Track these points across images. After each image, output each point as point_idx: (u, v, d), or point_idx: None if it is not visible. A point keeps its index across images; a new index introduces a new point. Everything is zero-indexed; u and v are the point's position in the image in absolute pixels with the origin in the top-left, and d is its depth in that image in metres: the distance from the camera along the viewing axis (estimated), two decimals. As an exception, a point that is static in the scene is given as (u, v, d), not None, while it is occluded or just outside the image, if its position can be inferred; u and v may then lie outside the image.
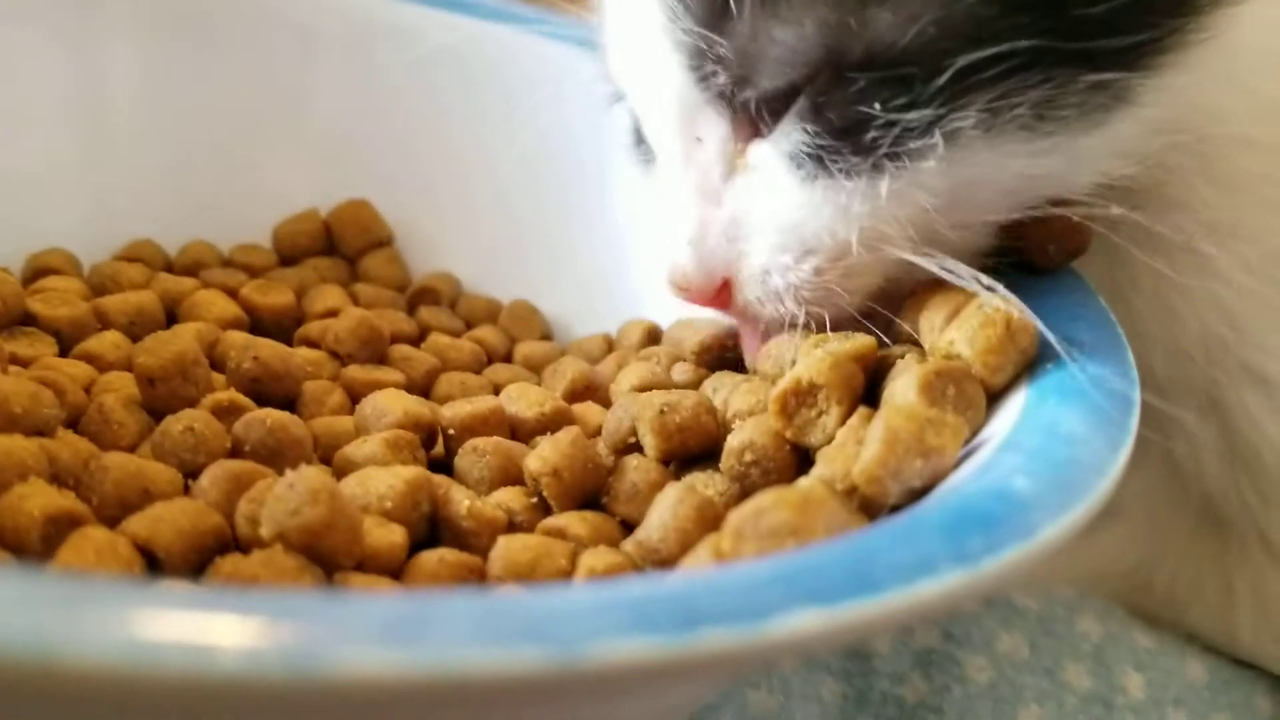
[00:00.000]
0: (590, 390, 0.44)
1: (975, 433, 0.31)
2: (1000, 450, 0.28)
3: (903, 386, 0.32)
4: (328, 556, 0.30)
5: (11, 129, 0.49)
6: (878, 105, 0.31)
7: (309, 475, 0.31)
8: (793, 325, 0.35)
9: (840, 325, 0.36)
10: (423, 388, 0.45)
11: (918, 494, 0.28)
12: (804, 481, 0.31)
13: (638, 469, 0.36)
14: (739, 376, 0.39)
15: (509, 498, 0.36)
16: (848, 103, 0.31)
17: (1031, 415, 0.30)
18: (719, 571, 0.22)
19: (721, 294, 0.36)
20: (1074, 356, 0.32)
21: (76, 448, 0.35)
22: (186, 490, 0.34)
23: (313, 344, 0.45)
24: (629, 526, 0.35)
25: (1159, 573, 0.44)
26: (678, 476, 0.36)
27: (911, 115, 0.31)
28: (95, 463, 0.33)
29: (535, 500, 0.36)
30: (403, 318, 0.49)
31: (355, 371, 0.43)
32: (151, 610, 0.19)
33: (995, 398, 0.32)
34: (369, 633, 0.18)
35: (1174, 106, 0.34)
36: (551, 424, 0.40)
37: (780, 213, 0.34)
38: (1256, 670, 0.42)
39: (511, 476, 0.37)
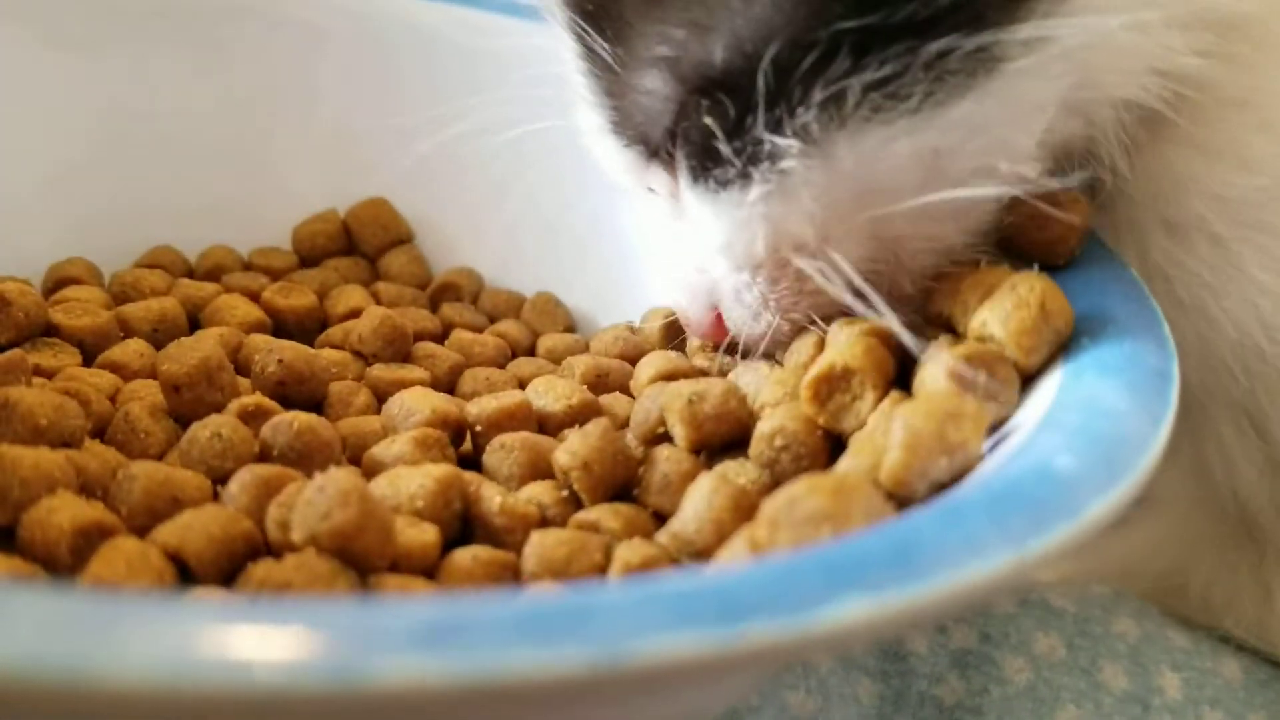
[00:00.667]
0: (602, 382, 0.43)
1: (1008, 417, 0.31)
2: (1040, 429, 0.28)
3: (932, 374, 0.32)
4: (361, 558, 0.30)
5: (25, 137, 0.49)
6: (716, 121, 0.33)
7: (339, 477, 0.31)
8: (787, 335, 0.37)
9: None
10: (447, 385, 0.44)
11: (947, 484, 0.28)
12: (839, 467, 0.30)
13: (669, 459, 0.36)
14: (765, 365, 0.38)
15: (540, 492, 0.36)
16: (703, 127, 0.33)
17: (1069, 392, 0.29)
18: (760, 563, 0.21)
19: (718, 324, 0.38)
20: (1109, 330, 0.32)
21: (104, 458, 0.35)
22: (215, 497, 0.34)
23: (336, 346, 0.45)
24: (661, 518, 0.35)
25: (1193, 578, 0.43)
26: (709, 466, 0.36)
27: (753, 124, 0.32)
28: (123, 472, 0.33)
29: (566, 494, 0.35)
30: (426, 315, 0.49)
31: (380, 371, 0.43)
32: (187, 626, 0.18)
33: (1030, 378, 0.32)
34: (407, 639, 0.18)
35: (1101, 56, 0.32)
36: (579, 416, 0.40)
37: (709, 235, 0.36)
38: (1293, 669, 0.42)
39: (540, 471, 0.37)
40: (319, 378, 0.40)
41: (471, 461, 0.38)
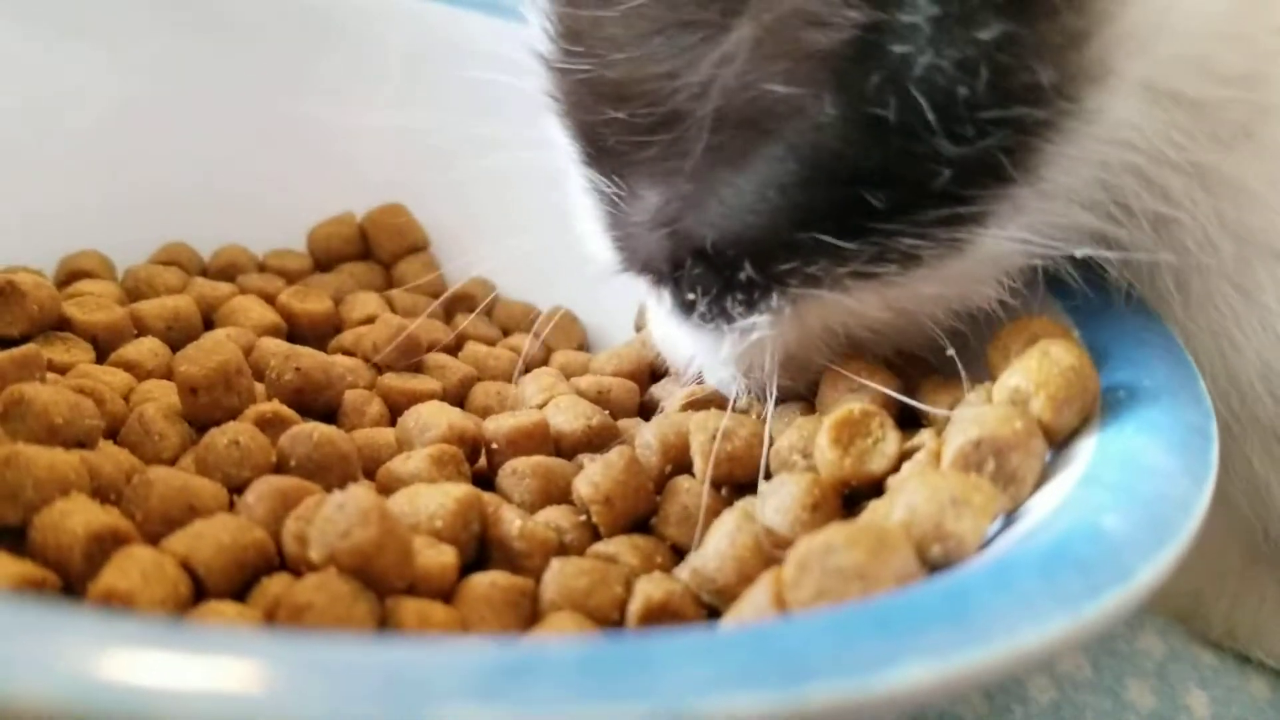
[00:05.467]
0: (604, 399, 0.43)
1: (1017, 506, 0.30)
2: (1082, 485, 0.27)
3: (952, 437, 0.31)
4: (379, 579, 0.29)
5: (40, 131, 0.48)
6: (699, 285, 0.35)
7: (359, 495, 0.30)
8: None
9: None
10: (457, 397, 0.44)
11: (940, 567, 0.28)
12: (874, 512, 0.30)
13: (689, 492, 0.35)
14: (797, 409, 0.38)
15: (557, 516, 0.35)
16: (690, 282, 0.35)
17: (1110, 448, 0.29)
18: (817, 619, 0.21)
19: None
20: (1146, 387, 0.31)
21: (118, 460, 0.34)
22: (232, 506, 0.33)
23: (347, 352, 0.44)
24: (679, 550, 0.35)
25: (1215, 606, 0.43)
26: (729, 500, 0.36)
27: (730, 302, 0.34)
28: (140, 478, 0.32)
29: (584, 519, 0.35)
30: (439, 326, 0.48)
31: (392, 380, 0.43)
32: (227, 659, 0.18)
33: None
34: (467, 685, 0.17)
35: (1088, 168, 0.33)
36: (597, 438, 0.39)
37: (686, 348, 0.39)
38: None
39: (553, 497, 0.36)
40: (335, 386, 0.40)
41: (486, 478, 0.38)
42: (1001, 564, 0.24)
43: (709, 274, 0.34)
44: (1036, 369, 0.32)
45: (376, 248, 0.52)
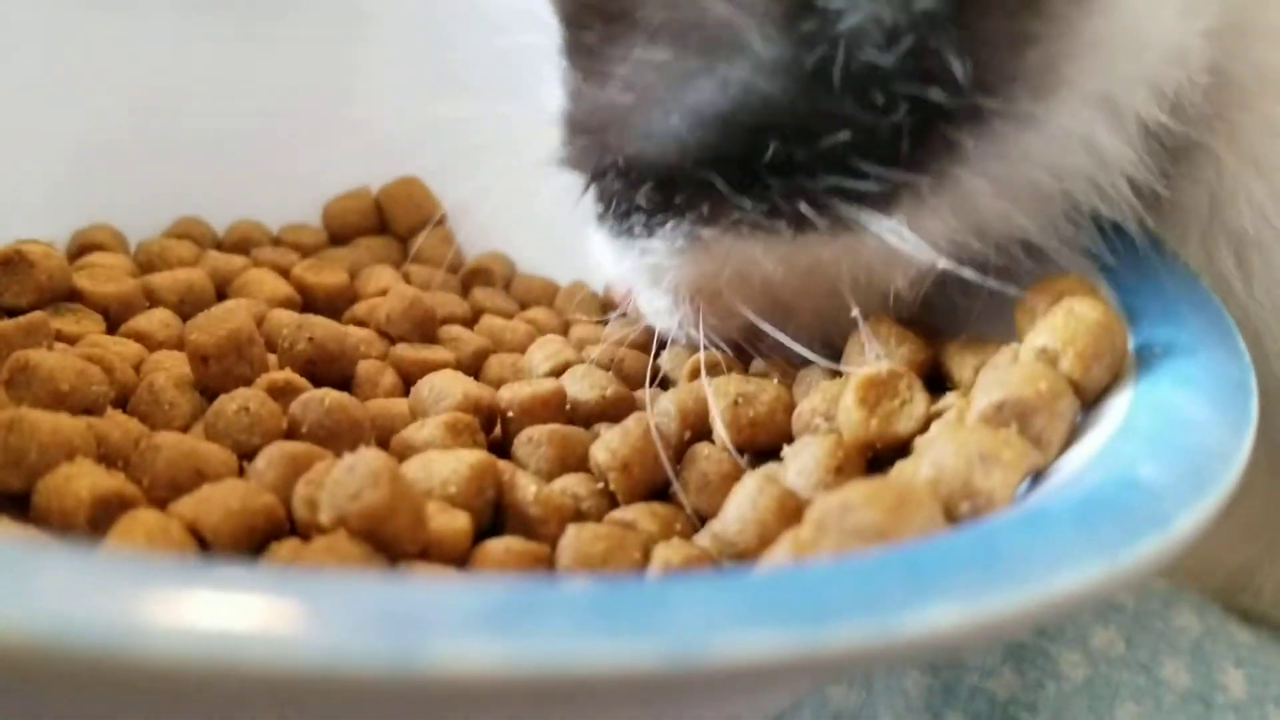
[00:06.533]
0: (616, 369, 0.42)
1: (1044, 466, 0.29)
2: (1118, 437, 0.26)
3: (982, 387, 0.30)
4: (390, 543, 0.29)
5: (54, 104, 0.47)
6: (612, 203, 0.35)
7: (369, 457, 0.29)
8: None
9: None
10: (471, 368, 0.43)
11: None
12: (901, 471, 0.29)
13: (708, 459, 0.35)
14: (820, 372, 0.37)
15: (574, 483, 0.34)
16: (603, 191, 0.35)
17: (1146, 401, 0.28)
18: (843, 561, 0.20)
19: None
20: (1183, 341, 0.30)
21: (126, 428, 0.33)
22: (241, 473, 0.32)
23: (360, 323, 0.44)
24: (699, 518, 0.34)
25: (1269, 575, 0.41)
26: (752, 466, 0.35)
27: (637, 220, 0.34)
28: (147, 442, 0.32)
29: (601, 486, 0.34)
30: (455, 299, 0.48)
31: (405, 351, 0.42)
32: (226, 594, 0.17)
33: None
34: (471, 622, 0.16)
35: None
36: (612, 407, 0.38)
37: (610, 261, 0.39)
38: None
39: (569, 465, 0.36)
40: (348, 357, 0.39)
41: (501, 447, 0.37)
42: (1034, 511, 0.23)
43: (621, 188, 0.34)
44: (1062, 326, 0.31)
45: (392, 221, 0.52)
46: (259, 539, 0.30)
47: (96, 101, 0.48)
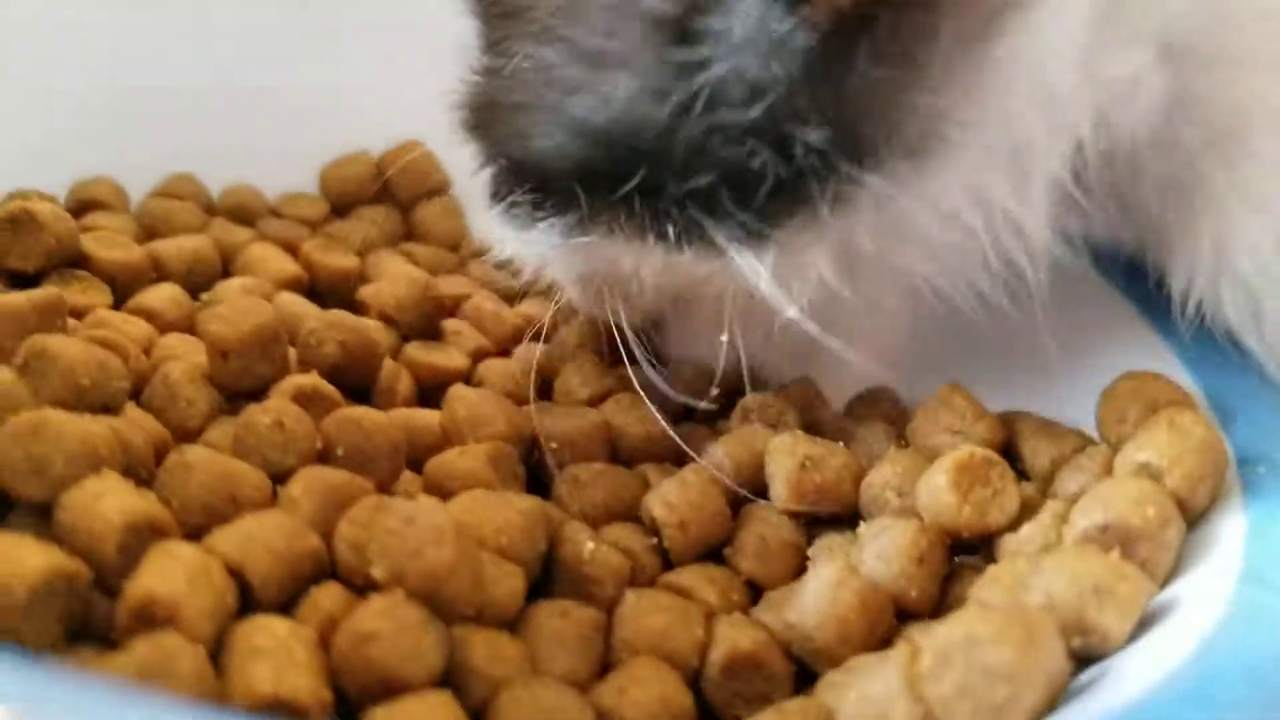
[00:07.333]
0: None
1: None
2: (1247, 584, 0.25)
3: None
4: (447, 605, 0.27)
5: (44, 56, 0.44)
6: (500, 188, 0.34)
7: (429, 510, 0.27)
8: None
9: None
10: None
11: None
12: (1001, 585, 0.28)
13: (766, 521, 0.33)
14: (883, 433, 0.35)
15: (626, 536, 0.32)
16: (495, 175, 0.34)
17: (1269, 537, 0.27)
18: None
19: None
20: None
21: (147, 431, 0.31)
22: (274, 493, 0.30)
23: (366, 304, 0.41)
24: (753, 585, 0.32)
25: None
26: (808, 534, 0.33)
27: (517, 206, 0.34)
28: (176, 459, 0.29)
29: (654, 542, 0.32)
30: (464, 281, 0.45)
31: (418, 353, 0.39)
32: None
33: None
34: None
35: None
36: (660, 445, 0.36)
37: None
38: None
39: (616, 513, 0.34)
40: (374, 361, 0.36)
41: (535, 474, 0.35)
42: (1201, 686, 0.21)
43: (504, 181, 0.34)
44: (1167, 444, 0.29)
45: (395, 189, 0.49)
46: (302, 584, 0.27)
47: (85, 55, 0.45)
